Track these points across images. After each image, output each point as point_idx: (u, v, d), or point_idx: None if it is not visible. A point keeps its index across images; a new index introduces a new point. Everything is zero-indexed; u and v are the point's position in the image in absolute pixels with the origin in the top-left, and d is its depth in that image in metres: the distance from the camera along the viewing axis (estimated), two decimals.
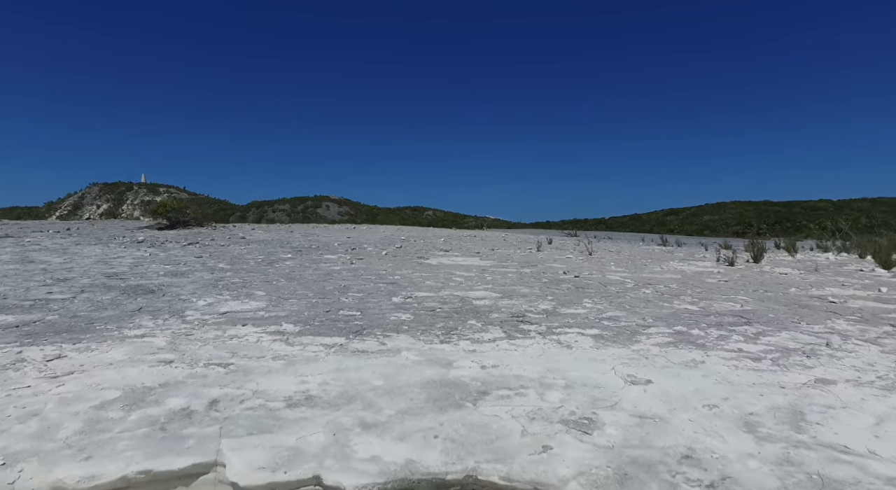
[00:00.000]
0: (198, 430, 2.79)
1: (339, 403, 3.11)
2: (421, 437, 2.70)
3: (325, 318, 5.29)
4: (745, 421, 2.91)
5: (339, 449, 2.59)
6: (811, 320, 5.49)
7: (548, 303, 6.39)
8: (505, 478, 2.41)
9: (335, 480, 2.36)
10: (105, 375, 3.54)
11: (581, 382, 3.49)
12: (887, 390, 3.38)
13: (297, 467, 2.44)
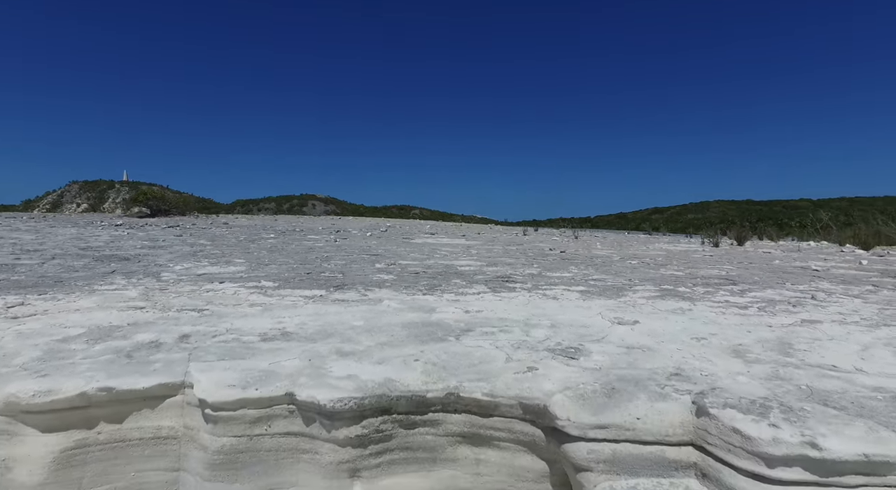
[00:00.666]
0: (165, 356, 2.64)
1: (316, 338, 2.99)
2: (400, 361, 2.58)
3: (306, 278, 5.15)
4: (734, 349, 2.85)
5: (314, 370, 2.47)
6: (795, 282, 5.49)
7: (533, 269, 6.31)
8: (488, 394, 2.31)
9: (309, 395, 2.24)
10: (70, 317, 3.37)
11: (567, 323, 3.41)
12: (872, 327, 3.35)
13: (269, 385, 2.31)
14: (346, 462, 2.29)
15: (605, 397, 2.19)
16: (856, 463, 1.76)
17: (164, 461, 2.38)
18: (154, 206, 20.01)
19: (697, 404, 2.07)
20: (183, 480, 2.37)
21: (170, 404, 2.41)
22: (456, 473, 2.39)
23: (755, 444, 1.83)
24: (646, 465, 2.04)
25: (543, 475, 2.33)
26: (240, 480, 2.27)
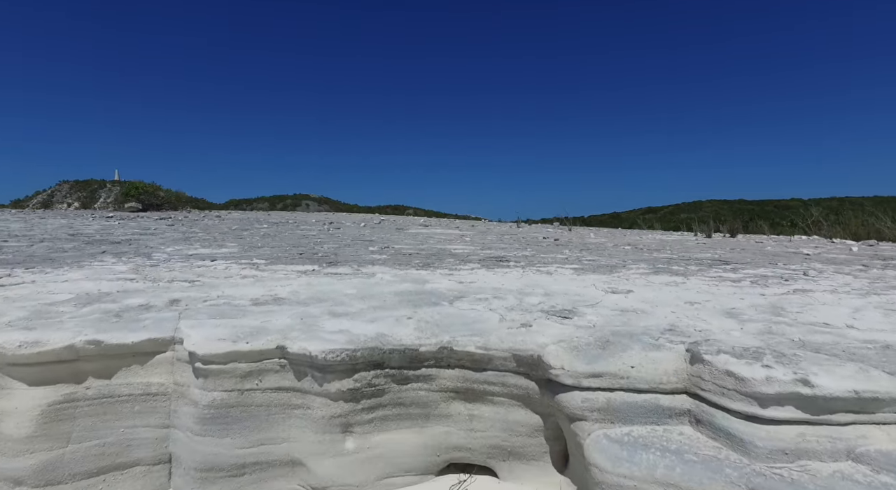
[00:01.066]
0: (155, 315, 2.61)
1: (308, 303, 2.96)
2: (393, 320, 2.57)
3: (299, 257, 5.12)
4: (727, 312, 2.86)
5: (306, 327, 2.45)
6: (787, 262, 5.51)
7: (527, 252, 6.31)
8: (482, 347, 2.29)
9: (301, 348, 2.22)
10: (58, 286, 3.32)
11: (562, 292, 3.40)
12: (863, 295, 3.37)
13: (260, 339, 2.29)
14: (338, 416, 2.27)
15: (599, 349, 2.18)
16: (846, 400, 1.76)
17: (154, 418, 2.34)
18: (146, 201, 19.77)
19: (691, 352, 2.07)
20: (174, 437, 2.34)
21: (159, 361, 2.38)
22: (449, 429, 2.38)
23: (748, 385, 1.83)
24: (640, 413, 2.03)
25: (537, 429, 2.31)
26: (231, 435, 2.24)
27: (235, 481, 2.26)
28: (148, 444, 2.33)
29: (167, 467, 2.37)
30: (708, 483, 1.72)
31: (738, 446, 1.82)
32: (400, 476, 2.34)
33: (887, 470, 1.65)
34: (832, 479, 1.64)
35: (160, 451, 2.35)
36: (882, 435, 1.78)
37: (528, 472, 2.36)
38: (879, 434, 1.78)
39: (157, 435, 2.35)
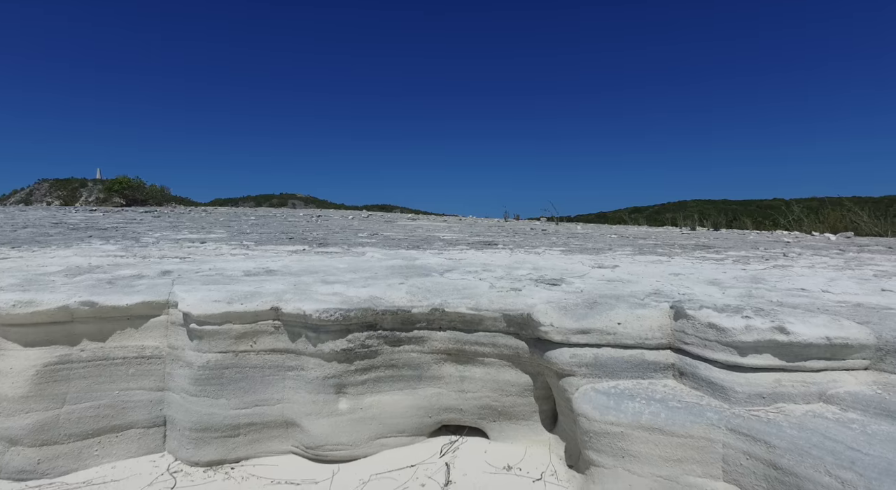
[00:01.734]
0: (148, 282, 2.63)
1: (300, 274, 3.00)
2: (385, 285, 2.61)
3: (289, 242, 5.13)
4: (709, 281, 2.95)
5: (300, 291, 2.48)
6: (768, 247, 5.67)
7: (516, 238, 6.39)
8: (473, 308, 2.35)
9: (295, 308, 2.26)
10: (47, 260, 3.31)
11: (550, 267, 3.47)
12: (838, 269, 3.49)
13: (255, 301, 2.32)
14: (331, 377, 2.31)
15: (587, 308, 2.26)
16: (819, 346, 1.85)
17: (148, 380, 2.36)
18: (130, 197, 19.53)
19: (675, 309, 2.15)
20: (168, 400, 2.36)
21: (154, 324, 2.40)
22: (441, 391, 2.43)
23: (728, 335, 1.91)
24: (626, 368, 2.10)
25: (527, 388, 2.38)
26: (225, 396, 2.28)
27: (230, 442, 2.29)
28: (143, 407, 2.35)
29: (162, 430, 2.39)
30: (690, 426, 1.80)
31: (719, 393, 1.90)
32: (393, 437, 2.39)
33: (854, 408, 1.74)
34: (805, 418, 1.73)
35: (155, 413, 2.37)
36: (851, 379, 1.88)
37: (517, 432, 2.42)
38: (848, 378, 1.88)
39: (152, 397, 2.37)
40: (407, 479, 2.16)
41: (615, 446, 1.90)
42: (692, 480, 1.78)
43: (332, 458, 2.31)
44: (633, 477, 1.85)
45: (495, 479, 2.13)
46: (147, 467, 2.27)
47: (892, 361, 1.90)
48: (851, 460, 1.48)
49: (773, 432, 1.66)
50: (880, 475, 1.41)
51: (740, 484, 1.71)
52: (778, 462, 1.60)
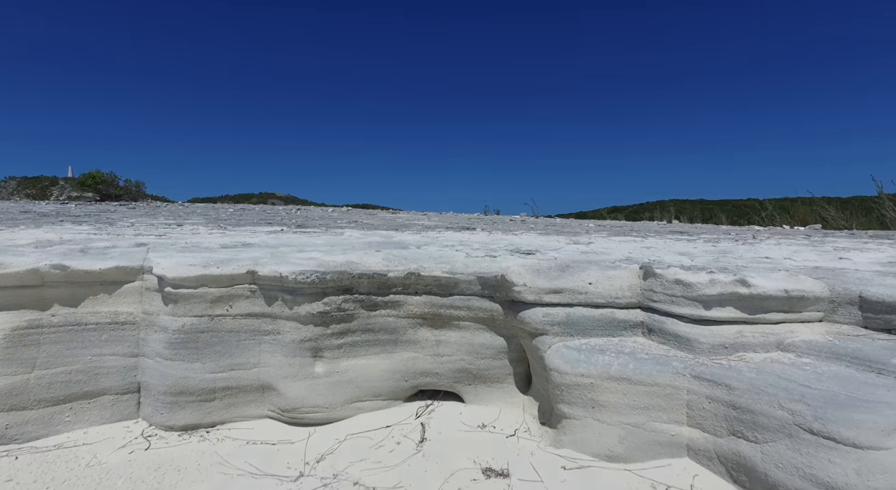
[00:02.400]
0: (122, 250, 2.61)
1: (278, 246, 3.00)
2: (362, 252, 2.63)
3: (267, 224, 5.11)
4: (680, 252, 3.04)
5: (276, 257, 2.49)
6: (739, 233, 5.83)
7: (495, 226, 6.45)
8: (448, 272, 2.39)
9: (272, 270, 2.26)
10: (17, 235, 3.25)
11: (527, 243, 3.53)
12: (802, 246, 3.63)
13: (231, 265, 2.32)
14: (308, 340, 2.32)
15: (560, 270, 2.31)
16: (778, 299, 1.94)
17: (122, 346, 2.34)
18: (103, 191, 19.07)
19: (644, 268, 2.22)
20: (142, 366, 2.35)
21: (128, 290, 2.38)
22: (417, 355, 2.46)
23: (694, 289, 1.98)
24: (597, 326, 2.17)
25: (501, 351, 2.42)
26: (201, 360, 2.27)
27: (206, 406, 2.29)
28: (116, 373, 2.33)
29: (136, 397, 2.38)
30: (657, 375, 1.86)
31: (685, 345, 1.97)
32: (369, 400, 2.41)
33: (808, 354, 1.83)
34: (763, 363, 1.81)
35: (129, 380, 2.35)
36: (806, 330, 1.97)
37: (492, 395, 2.46)
38: (804, 329, 1.97)
39: (126, 364, 2.35)
40: (383, 438, 2.18)
41: (585, 397, 1.95)
42: (658, 426, 1.85)
43: (309, 421, 2.32)
44: (603, 426, 1.91)
45: (470, 435, 2.17)
46: (120, 432, 2.25)
47: (843, 313, 2.00)
48: (801, 394, 1.56)
49: (733, 376, 1.74)
50: (826, 404, 1.49)
51: (703, 427, 1.78)
52: (737, 402, 1.67)
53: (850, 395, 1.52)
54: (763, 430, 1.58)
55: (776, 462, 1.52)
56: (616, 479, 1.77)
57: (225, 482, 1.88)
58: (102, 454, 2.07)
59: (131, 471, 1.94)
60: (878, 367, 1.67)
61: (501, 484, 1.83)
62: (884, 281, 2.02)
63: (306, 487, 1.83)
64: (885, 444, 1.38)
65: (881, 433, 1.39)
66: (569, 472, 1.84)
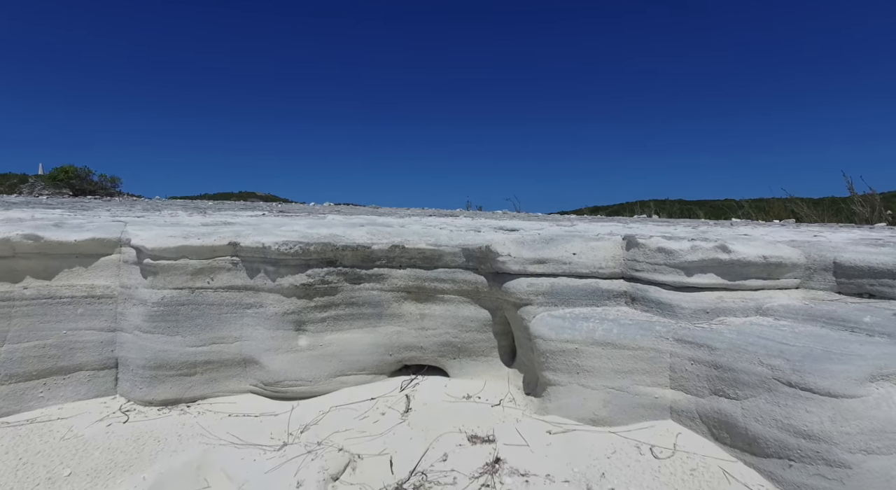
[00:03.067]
0: (99, 223, 2.54)
1: (259, 224, 2.95)
2: (346, 227, 2.62)
3: (249, 211, 5.03)
4: (662, 232, 3.08)
5: (259, 230, 2.46)
6: (718, 223, 5.96)
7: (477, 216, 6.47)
8: (433, 244, 2.39)
9: (255, 241, 2.23)
10: None
11: (510, 224, 3.54)
12: (779, 227, 3.71)
13: (212, 237, 2.28)
14: (291, 313, 2.29)
15: (544, 243, 2.32)
16: (757, 265, 1.98)
17: (98, 320, 2.29)
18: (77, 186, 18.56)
19: (628, 239, 2.25)
20: (120, 340, 2.29)
21: (105, 263, 2.33)
22: (401, 329, 2.45)
23: (676, 256, 2.01)
24: (581, 296, 2.18)
25: (486, 324, 2.43)
26: (181, 333, 2.23)
27: (186, 381, 2.25)
28: (92, 348, 2.27)
29: (113, 373, 2.32)
30: (640, 339, 1.89)
31: (667, 311, 2.00)
32: (353, 374, 2.39)
33: (786, 317, 1.87)
34: (743, 326, 1.84)
35: (106, 355, 2.30)
36: (784, 295, 2.01)
37: (477, 368, 2.47)
38: (781, 295, 2.01)
39: (103, 338, 2.29)
40: (367, 409, 2.17)
41: (570, 363, 1.97)
42: (642, 389, 1.87)
43: (292, 395, 2.29)
44: (587, 391, 1.93)
45: (455, 405, 2.17)
46: (97, 408, 2.19)
47: (818, 279, 2.05)
48: (780, 350, 1.60)
49: (714, 338, 1.77)
50: (803, 358, 1.53)
51: (685, 388, 1.81)
52: (718, 361, 1.70)
53: (826, 350, 1.56)
54: (743, 387, 1.61)
55: (756, 416, 1.55)
56: (601, 441, 1.79)
57: (206, 451, 1.84)
58: (78, 427, 2.01)
59: (109, 442, 1.90)
60: (851, 325, 1.72)
61: (487, 449, 1.83)
62: (856, 248, 2.08)
63: (290, 454, 1.81)
64: (857, 393, 1.42)
65: (854, 382, 1.43)
66: (554, 435, 1.86)
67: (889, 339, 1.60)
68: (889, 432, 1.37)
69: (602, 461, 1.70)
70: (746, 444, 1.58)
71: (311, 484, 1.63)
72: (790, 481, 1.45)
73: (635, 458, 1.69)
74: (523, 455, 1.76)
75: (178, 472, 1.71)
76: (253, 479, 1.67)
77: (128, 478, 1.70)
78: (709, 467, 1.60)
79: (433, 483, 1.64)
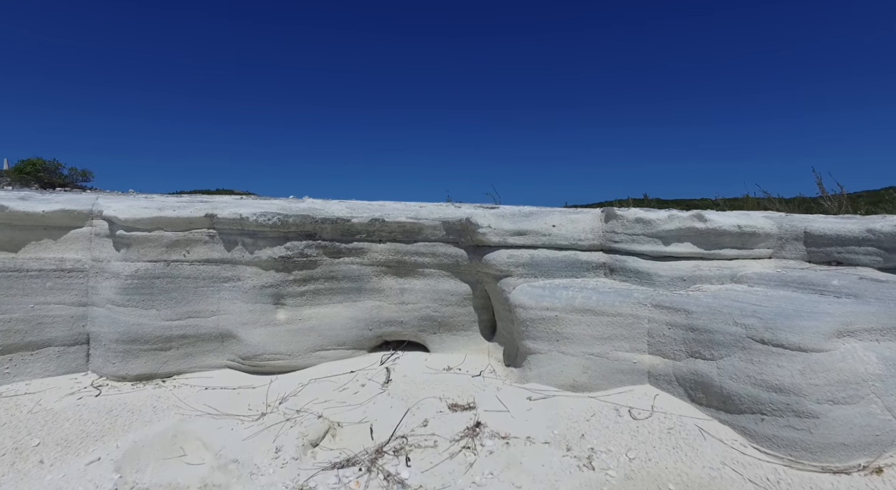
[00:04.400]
0: (70, 197, 2.47)
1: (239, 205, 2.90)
2: (325, 201, 2.59)
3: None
4: None
5: (237, 204, 2.42)
6: None
7: None
8: (413, 217, 2.38)
9: (232, 212, 2.20)
10: None
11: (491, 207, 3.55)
12: None
13: (188, 209, 2.24)
14: (269, 286, 2.26)
15: (524, 216, 2.34)
16: (732, 234, 2.03)
17: (69, 295, 2.22)
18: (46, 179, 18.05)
19: (606, 212, 2.27)
20: (92, 315, 2.23)
21: (75, 236, 2.26)
22: (381, 304, 2.44)
23: (653, 226, 2.05)
24: (561, 267, 2.20)
25: (466, 297, 2.43)
26: (156, 306, 2.18)
27: (162, 355, 2.20)
28: (62, 323, 2.21)
29: (84, 349, 2.25)
30: (619, 305, 1.91)
31: (645, 279, 2.03)
32: (332, 349, 2.37)
33: (759, 283, 1.92)
34: (719, 291, 1.88)
35: (77, 330, 2.23)
36: (757, 264, 2.06)
37: (457, 342, 2.47)
38: (755, 264, 2.06)
39: (73, 313, 2.22)
40: (347, 381, 2.16)
41: (550, 331, 1.98)
42: (621, 355, 1.90)
43: (270, 369, 2.26)
44: (567, 357, 1.95)
45: (435, 377, 2.17)
46: (67, 383, 2.13)
47: (790, 249, 2.11)
48: (754, 311, 1.64)
49: (691, 302, 1.80)
50: (775, 317, 1.57)
51: (663, 353, 1.84)
52: (694, 324, 1.74)
53: (797, 309, 1.61)
54: (719, 347, 1.65)
55: (730, 374, 1.59)
56: (580, 405, 1.81)
57: (182, 421, 1.81)
58: (47, 401, 1.95)
59: (80, 414, 1.84)
60: (820, 288, 1.77)
61: (468, 415, 1.83)
62: (825, 218, 2.15)
63: (268, 422, 1.79)
64: (825, 347, 1.46)
65: (822, 337, 1.47)
66: (534, 401, 1.87)
67: (855, 300, 1.65)
68: (853, 383, 1.42)
69: (581, 423, 1.72)
70: (721, 402, 1.62)
71: (290, 449, 1.61)
72: (762, 434, 1.49)
73: (614, 420, 1.71)
74: (504, 420, 1.77)
75: (153, 440, 1.68)
76: (230, 446, 1.64)
77: (100, 446, 1.65)
78: (685, 426, 1.63)
79: (414, 446, 1.64)
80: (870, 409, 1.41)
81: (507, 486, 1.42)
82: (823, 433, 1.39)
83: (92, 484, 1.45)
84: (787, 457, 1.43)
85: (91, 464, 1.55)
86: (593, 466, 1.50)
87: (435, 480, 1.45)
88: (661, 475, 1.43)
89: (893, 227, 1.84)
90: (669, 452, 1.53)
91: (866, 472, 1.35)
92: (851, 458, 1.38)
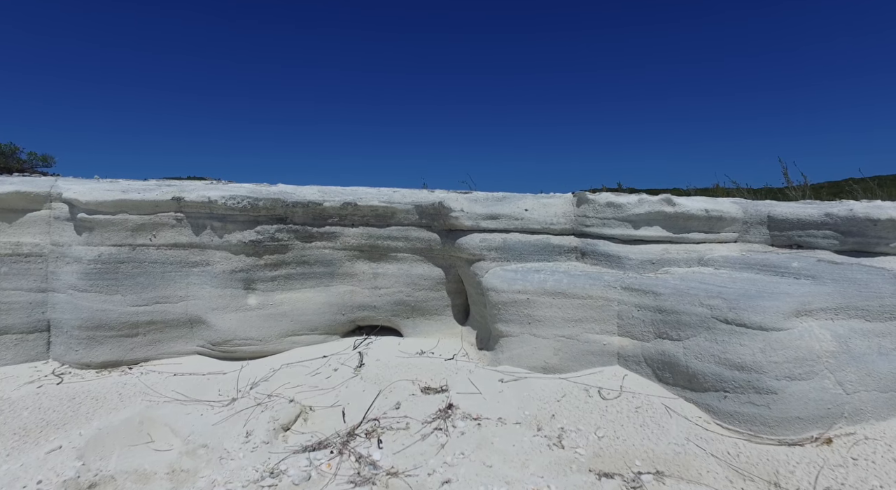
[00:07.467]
0: (27, 179, 2.36)
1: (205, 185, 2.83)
2: (297, 185, 2.54)
3: None
4: None
5: (205, 187, 2.35)
6: None
7: None
8: (386, 201, 2.36)
9: (200, 196, 2.14)
10: None
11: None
12: None
13: (154, 192, 2.17)
14: (239, 271, 2.22)
15: (496, 200, 2.34)
16: (699, 218, 2.07)
17: (26, 280, 2.14)
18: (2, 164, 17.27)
19: (578, 196, 2.29)
20: (53, 301, 2.15)
21: (32, 219, 2.17)
22: (354, 289, 2.42)
23: (624, 209, 2.08)
24: (533, 251, 2.22)
25: (439, 282, 2.43)
26: (121, 292, 2.12)
27: (127, 342, 2.14)
28: (20, 310, 2.13)
29: (45, 336, 2.18)
30: (590, 288, 1.94)
31: (615, 263, 2.07)
32: (305, 334, 2.35)
33: (724, 266, 1.97)
34: (687, 274, 1.93)
35: (36, 317, 2.16)
36: (723, 248, 2.12)
37: (430, 327, 2.47)
38: (721, 247, 2.12)
39: (32, 299, 2.15)
40: (319, 366, 2.14)
41: (522, 314, 2.00)
42: (591, 337, 1.93)
43: (241, 355, 2.23)
44: (538, 340, 1.97)
45: (408, 360, 2.17)
46: (26, 372, 2.06)
47: (754, 233, 2.17)
48: (719, 292, 1.68)
49: (660, 284, 1.84)
50: (739, 297, 1.62)
51: (632, 334, 1.88)
52: (662, 305, 1.77)
53: (759, 290, 1.66)
54: (685, 327, 1.69)
55: (696, 353, 1.64)
56: (551, 386, 1.84)
57: (150, 408, 1.77)
58: (4, 390, 1.89)
59: (40, 402, 1.79)
60: (781, 270, 1.83)
61: (440, 397, 1.84)
62: (788, 204, 2.21)
63: (239, 407, 1.76)
64: (784, 326, 1.52)
65: (782, 316, 1.53)
66: (506, 383, 1.89)
67: (813, 281, 1.72)
68: (809, 360, 1.48)
69: (552, 404, 1.74)
70: (687, 381, 1.66)
71: (260, 433, 1.60)
72: (724, 411, 1.54)
73: (584, 400, 1.74)
74: (476, 402, 1.79)
75: (119, 427, 1.64)
76: (199, 431, 1.61)
77: (62, 435, 1.61)
78: (652, 404, 1.67)
79: (386, 428, 1.64)
80: (823, 384, 1.47)
81: (478, 466, 1.43)
82: (781, 408, 1.45)
83: (52, 472, 1.41)
84: (748, 431, 1.48)
85: (51, 452, 1.51)
86: (563, 445, 1.53)
87: (407, 461, 1.46)
88: (629, 452, 1.47)
89: (849, 211, 1.91)
90: (637, 430, 1.57)
91: (818, 444, 1.41)
92: (805, 431, 1.44)
